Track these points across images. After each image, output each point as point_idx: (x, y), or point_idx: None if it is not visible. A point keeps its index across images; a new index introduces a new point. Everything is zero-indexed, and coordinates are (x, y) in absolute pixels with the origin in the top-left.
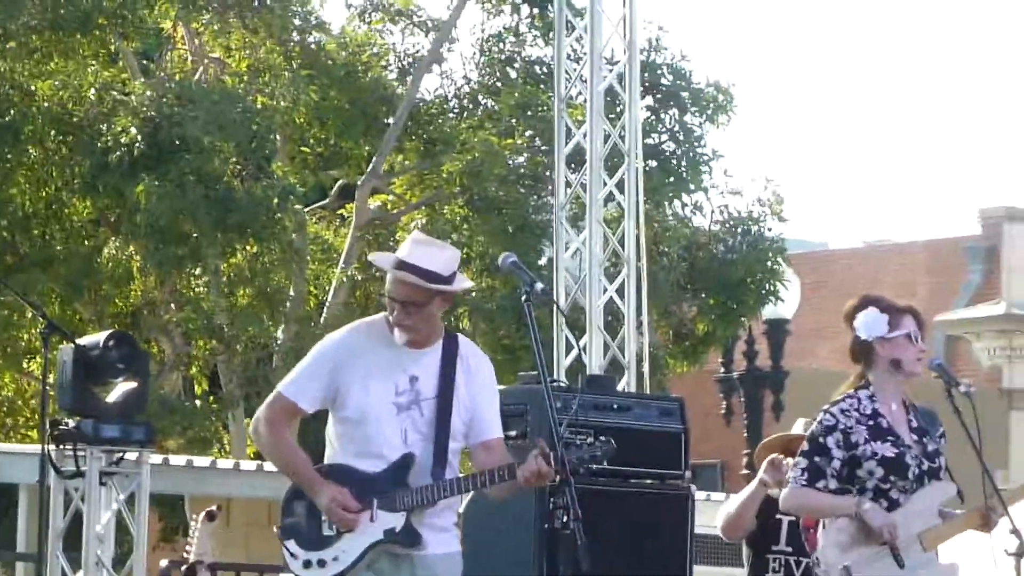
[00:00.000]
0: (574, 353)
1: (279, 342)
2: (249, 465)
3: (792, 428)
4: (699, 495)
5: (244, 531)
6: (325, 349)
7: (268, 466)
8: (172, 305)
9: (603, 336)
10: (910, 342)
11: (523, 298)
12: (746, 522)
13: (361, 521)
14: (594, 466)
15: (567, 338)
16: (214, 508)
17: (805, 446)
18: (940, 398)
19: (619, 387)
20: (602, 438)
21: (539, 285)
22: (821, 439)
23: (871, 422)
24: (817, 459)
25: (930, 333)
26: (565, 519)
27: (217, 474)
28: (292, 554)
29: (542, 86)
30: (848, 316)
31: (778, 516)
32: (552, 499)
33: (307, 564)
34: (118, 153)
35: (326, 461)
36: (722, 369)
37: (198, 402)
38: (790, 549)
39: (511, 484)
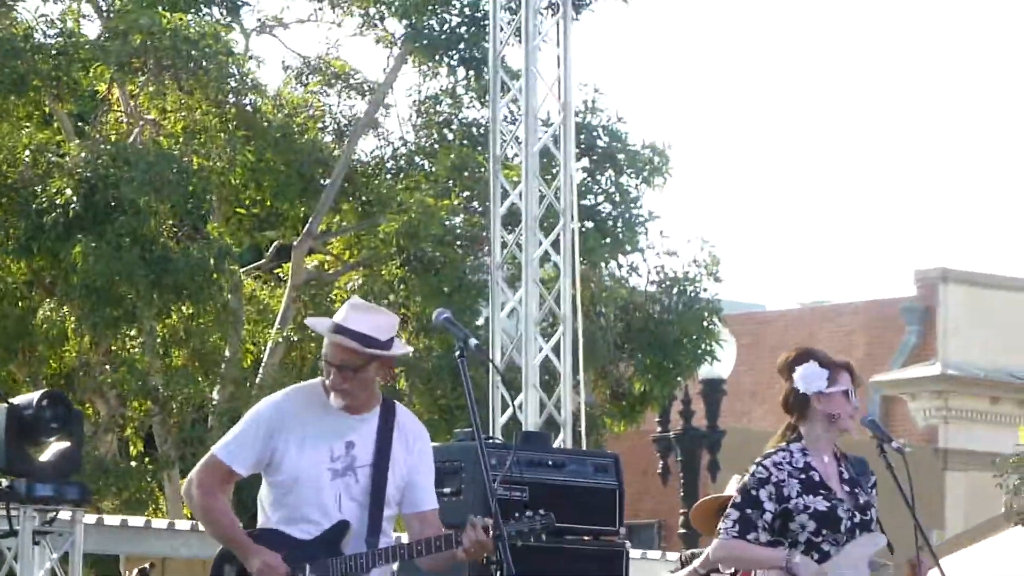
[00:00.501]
0: (509, 411)
1: (215, 403)
2: (184, 525)
3: (727, 485)
4: (634, 553)
5: None
6: (261, 412)
7: (203, 527)
8: (107, 366)
9: (539, 394)
10: (846, 399)
11: (457, 354)
12: None
13: None
14: (532, 540)
15: (503, 396)
16: (147, 565)
17: (737, 498)
18: (873, 456)
19: (555, 445)
20: (541, 512)
21: (473, 341)
22: (753, 491)
23: (803, 476)
24: (748, 511)
25: (866, 393)
26: (499, 575)
27: (152, 534)
28: None
29: (478, 147)
30: (784, 368)
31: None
32: (486, 558)
33: None
34: (53, 215)
35: (258, 526)
36: (659, 429)
37: (133, 463)
38: None
39: (448, 555)
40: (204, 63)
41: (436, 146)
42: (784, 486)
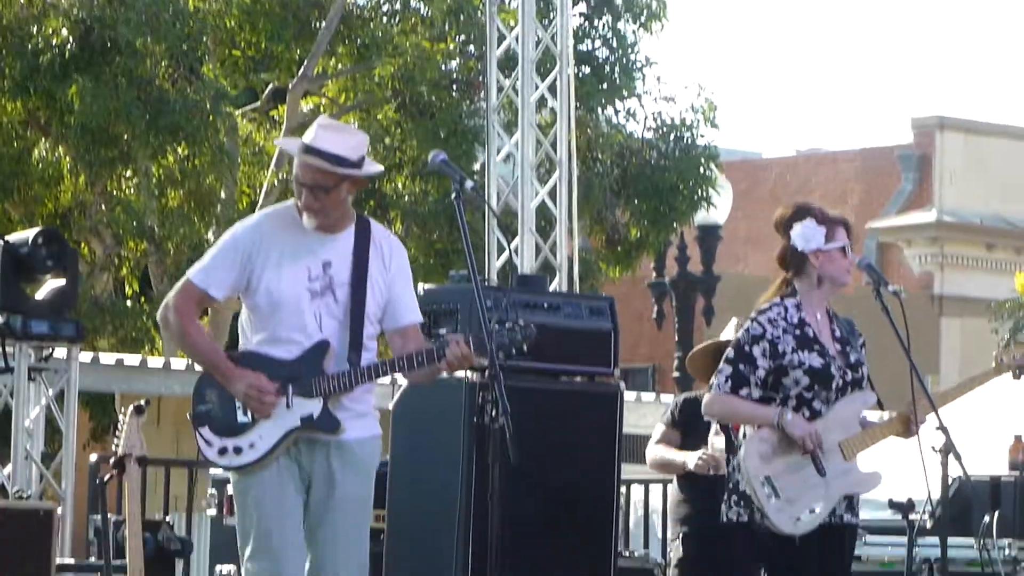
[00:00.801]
0: (505, 255)
1: (210, 243)
2: (179, 363)
3: (723, 330)
4: (629, 395)
5: (174, 429)
6: (236, 236)
7: (181, 350)
8: (103, 206)
9: (535, 238)
10: (843, 255)
11: (453, 196)
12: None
13: (277, 408)
14: (514, 351)
15: (498, 240)
16: (142, 402)
17: (730, 353)
18: (868, 300)
19: (551, 289)
20: (521, 322)
21: (469, 183)
22: (747, 347)
23: (798, 331)
24: (742, 367)
25: (861, 240)
26: (494, 413)
27: (147, 372)
28: (207, 441)
29: None
30: (781, 224)
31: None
32: (482, 394)
33: (222, 451)
34: (49, 55)
35: (239, 349)
36: (654, 274)
37: (128, 303)
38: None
39: (431, 369)
40: None
41: None
42: (779, 342)
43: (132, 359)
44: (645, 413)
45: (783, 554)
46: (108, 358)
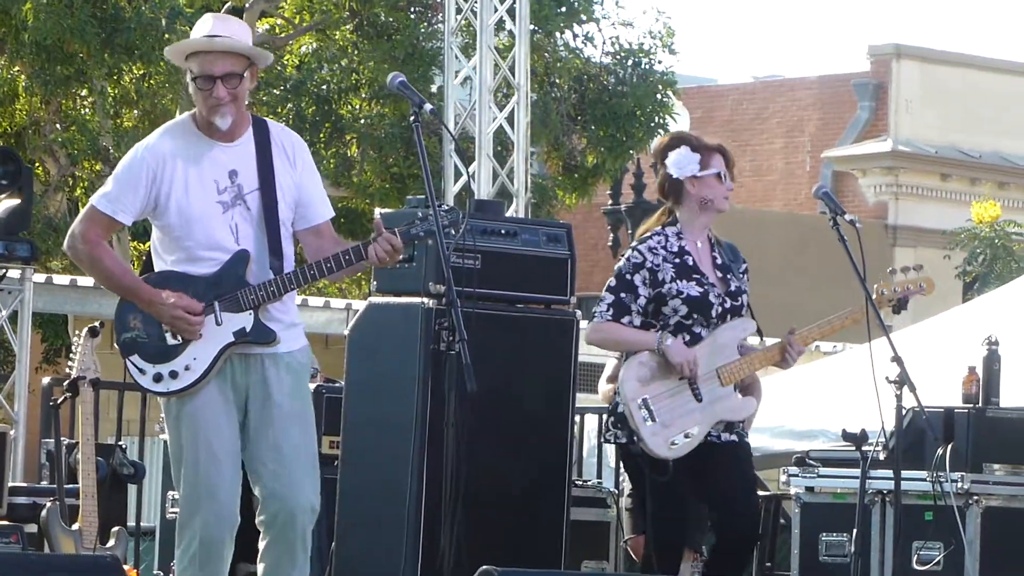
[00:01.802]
0: (463, 180)
1: None
2: None
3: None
4: (584, 323)
5: None
6: (137, 158)
7: (95, 279)
8: (57, 125)
9: (492, 163)
10: (719, 181)
11: (411, 119)
12: None
13: (207, 326)
14: (452, 232)
15: (456, 165)
16: (96, 324)
17: (612, 281)
18: (824, 227)
19: (508, 214)
20: (446, 205)
21: (428, 106)
22: (628, 276)
23: (677, 260)
24: (623, 295)
25: (818, 168)
26: (451, 340)
27: (101, 294)
28: (139, 369)
29: None
30: (659, 153)
31: None
32: (438, 321)
33: (157, 378)
34: None
35: (156, 270)
36: (610, 202)
37: None
38: None
39: (358, 266)
40: None
41: None
42: (659, 271)
43: (86, 280)
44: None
45: (658, 477)
46: (62, 279)
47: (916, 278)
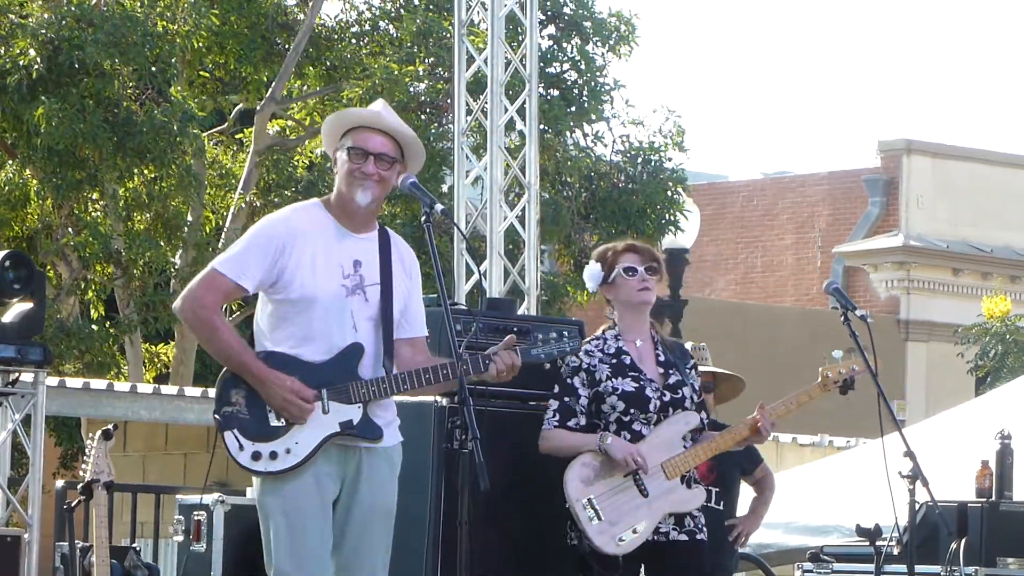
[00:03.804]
0: (474, 279)
1: (176, 267)
2: (146, 388)
3: None
4: None
5: (141, 454)
6: (269, 227)
7: (165, 389)
8: (69, 229)
9: (504, 262)
10: (627, 276)
11: (423, 219)
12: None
13: (313, 412)
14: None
15: (467, 264)
16: (110, 427)
17: (556, 388)
18: (836, 323)
19: (520, 312)
20: (567, 333)
21: (439, 206)
22: (568, 380)
23: (614, 360)
24: (567, 399)
25: (829, 264)
26: (463, 439)
27: (114, 397)
28: (239, 446)
29: (444, 12)
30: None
31: None
32: (451, 419)
33: (256, 456)
34: (16, 76)
35: (259, 348)
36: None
37: (95, 327)
38: None
39: (469, 379)
40: None
41: (401, 11)
42: (595, 371)
43: (98, 383)
44: None
45: (608, 573)
46: (75, 382)
47: (853, 360)
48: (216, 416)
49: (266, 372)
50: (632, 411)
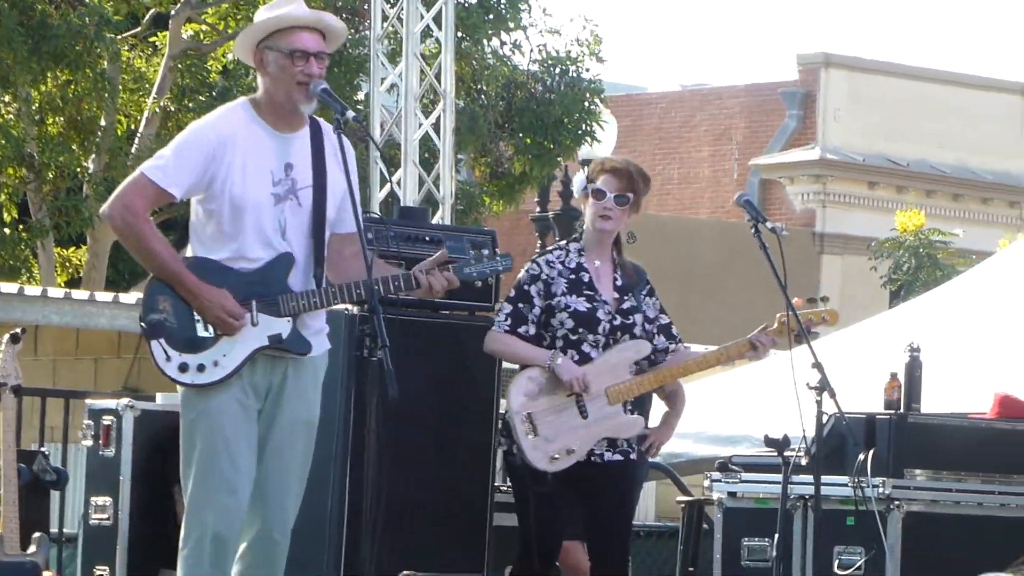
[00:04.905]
0: (388, 188)
1: (90, 172)
2: (57, 293)
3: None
4: None
5: (51, 359)
6: (198, 133)
7: (76, 294)
8: None
9: (418, 171)
10: (595, 198)
11: (334, 127)
12: None
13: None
14: (490, 278)
15: (381, 172)
16: (18, 330)
17: (511, 292)
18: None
19: (434, 222)
20: (498, 251)
21: (350, 113)
22: (525, 287)
23: (572, 276)
24: (521, 306)
25: (745, 177)
26: (373, 346)
27: (25, 301)
28: (166, 356)
29: None
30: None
31: None
32: (361, 328)
33: (183, 367)
34: None
35: (191, 252)
36: (537, 208)
37: (7, 230)
38: None
39: (405, 292)
40: None
41: None
42: (552, 283)
43: (9, 287)
44: None
45: (538, 488)
46: None
47: (822, 311)
48: (142, 324)
49: (197, 285)
50: (581, 331)
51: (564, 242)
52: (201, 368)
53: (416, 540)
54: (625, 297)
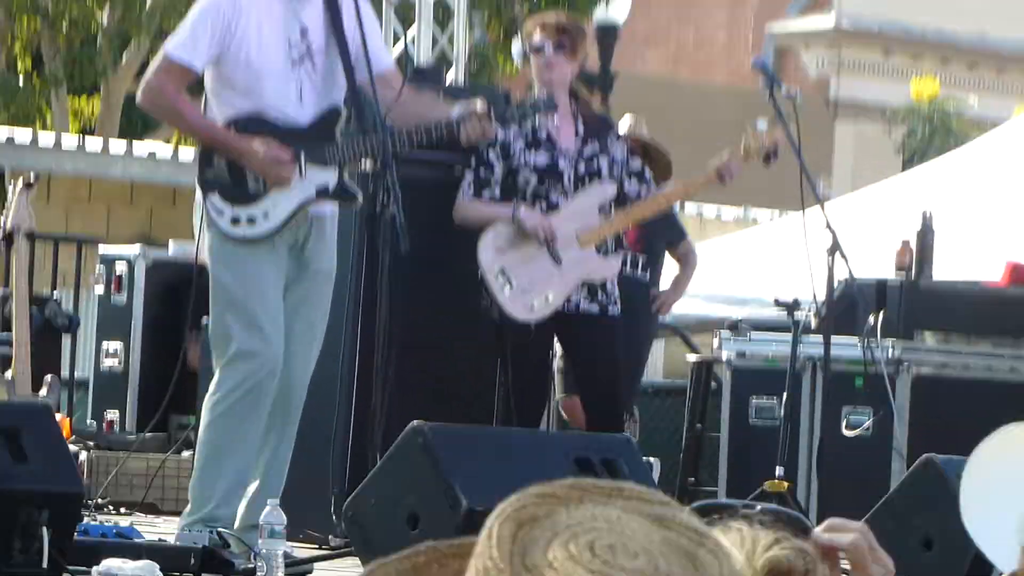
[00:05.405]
0: (401, 45)
1: (104, 25)
2: (71, 141)
3: (619, 126)
4: None
5: (64, 207)
6: (214, 2)
7: (91, 143)
8: None
9: (432, 29)
10: (535, 56)
11: None
12: None
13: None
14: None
15: (394, 30)
16: (31, 177)
17: (472, 161)
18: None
19: (447, 82)
20: (541, 93)
21: None
22: (483, 152)
23: (531, 135)
24: (481, 171)
25: (760, 42)
26: (385, 202)
27: (38, 150)
28: (218, 210)
29: None
30: None
31: None
32: (374, 183)
33: (235, 220)
34: None
35: (227, 113)
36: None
37: (21, 80)
38: None
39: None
40: None
41: None
42: (510, 145)
43: (23, 135)
44: None
45: (522, 340)
46: None
47: (776, 131)
48: (198, 182)
49: (242, 142)
50: (546, 183)
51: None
52: (252, 220)
53: (425, 392)
54: (586, 143)
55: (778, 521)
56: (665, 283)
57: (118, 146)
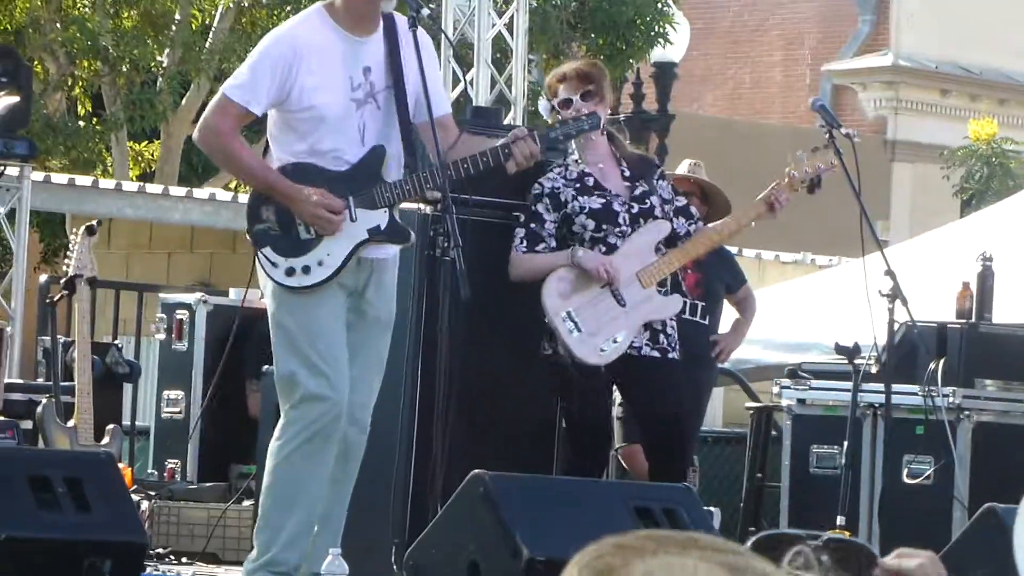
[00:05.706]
0: (460, 87)
1: (164, 66)
2: (131, 186)
3: (676, 169)
4: None
5: (125, 252)
6: (274, 47)
7: (151, 188)
8: (57, 24)
9: (491, 71)
10: (564, 108)
11: (408, 24)
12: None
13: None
14: (575, 135)
15: (454, 71)
16: (94, 223)
17: (521, 217)
18: (821, 141)
19: (505, 122)
20: (586, 112)
21: (425, 10)
22: (533, 207)
23: (578, 184)
24: (532, 226)
25: (818, 82)
26: (446, 246)
27: (99, 194)
28: (272, 262)
29: None
30: None
31: None
32: (434, 227)
33: (290, 272)
34: None
35: (275, 162)
36: (609, 111)
37: (81, 123)
38: None
39: (494, 167)
40: None
41: None
42: (560, 193)
43: (84, 180)
44: None
45: (591, 384)
46: (60, 178)
47: (825, 156)
48: (248, 235)
49: (292, 189)
50: (604, 227)
51: (563, 161)
52: (307, 270)
53: (486, 441)
54: (636, 184)
55: (845, 549)
56: (724, 329)
57: (178, 191)
